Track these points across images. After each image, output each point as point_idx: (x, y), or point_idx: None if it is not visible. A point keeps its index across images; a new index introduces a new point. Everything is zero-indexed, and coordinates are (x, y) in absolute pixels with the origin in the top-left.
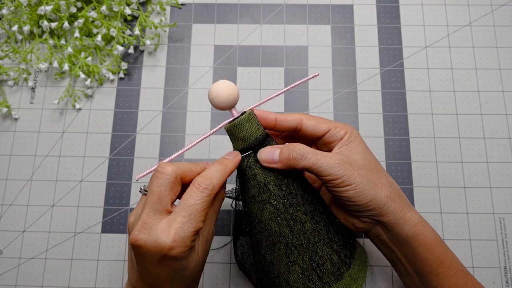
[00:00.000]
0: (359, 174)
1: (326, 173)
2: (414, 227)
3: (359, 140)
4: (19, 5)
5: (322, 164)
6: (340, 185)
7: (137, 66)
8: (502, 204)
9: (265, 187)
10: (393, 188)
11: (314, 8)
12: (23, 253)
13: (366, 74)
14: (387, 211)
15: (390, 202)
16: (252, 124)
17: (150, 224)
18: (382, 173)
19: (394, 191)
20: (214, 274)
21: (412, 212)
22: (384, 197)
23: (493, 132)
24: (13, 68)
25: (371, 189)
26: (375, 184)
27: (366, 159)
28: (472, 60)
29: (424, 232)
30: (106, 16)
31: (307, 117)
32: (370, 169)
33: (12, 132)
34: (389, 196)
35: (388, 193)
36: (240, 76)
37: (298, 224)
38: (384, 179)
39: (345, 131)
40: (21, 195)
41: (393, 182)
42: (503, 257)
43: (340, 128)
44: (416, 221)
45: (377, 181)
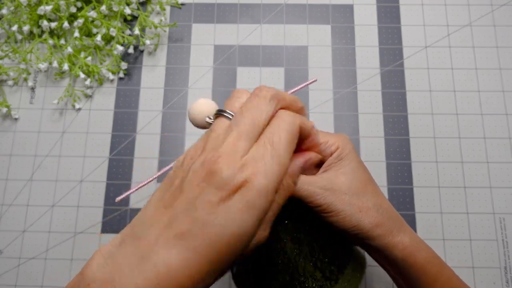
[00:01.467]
0: (342, 201)
1: (308, 201)
2: (402, 251)
3: (350, 157)
4: (19, 5)
5: (302, 193)
6: (322, 212)
7: (137, 66)
8: (502, 204)
9: None
10: (380, 212)
11: (314, 8)
12: (23, 253)
13: (366, 74)
14: (372, 236)
15: (375, 228)
16: None
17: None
18: (369, 196)
19: (381, 215)
20: None
21: (401, 235)
22: (367, 223)
23: (493, 132)
24: (13, 68)
25: (353, 215)
26: (359, 210)
27: (353, 181)
28: (472, 60)
29: (415, 253)
30: (105, 16)
31: None
32: (356, 193)
33: (12, 132)
34: (373, 222)
35: (373, 219)
36: (240, 76)
37: (279, 242)
38: (371, 203)
39: (335, 147)
40: (21, 195)
41: (382, 205)
42: (503, 257)
43: (331, 143)
44: (405, 245)
45: (362, 207)
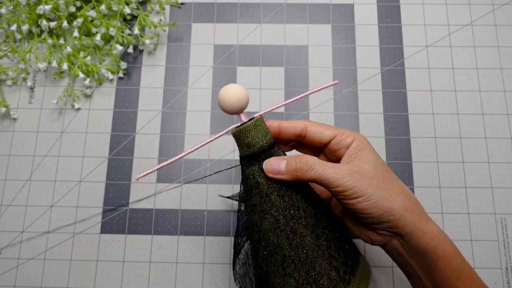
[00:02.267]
0: (371, 185)
1: (335, 184)
2: (432, 239)
3: (369, 148)
4: (17, 4)
5: (330, 175)
6: (351, 197)
7: (136, 65)
8: (504, 204)
9: (267, 197)
10: (409, 197)
11: (314, 7)
12: (22, 253)
13: (367, 73)
14: (404, 222)
15: (406, 213)
16: (259, 131)
17: None
18: (396, 183)
19: (410, 201)
20: (214, 275)
21: (430, 223)
22: (399, 207)
23: (494, 132)
24: (12, 67)
25: (385, 199)
26: (389, 194)
27: (377, 168)
28: (473, 59)
29: (443, 244)
30: (105, 15)
31: (312, 123)
32: (382, 179)
33: (10, 132)
34: (404, 207)
35: (404, 203)
36: (240, 76)
37: (298, 237)
38: (399, 188)
39: (352, 139)
40: (20, 196)
41: (409, 192)
42: (504, 258)
43: (347, 135)
44: (434, 233)
45: (391, 191)
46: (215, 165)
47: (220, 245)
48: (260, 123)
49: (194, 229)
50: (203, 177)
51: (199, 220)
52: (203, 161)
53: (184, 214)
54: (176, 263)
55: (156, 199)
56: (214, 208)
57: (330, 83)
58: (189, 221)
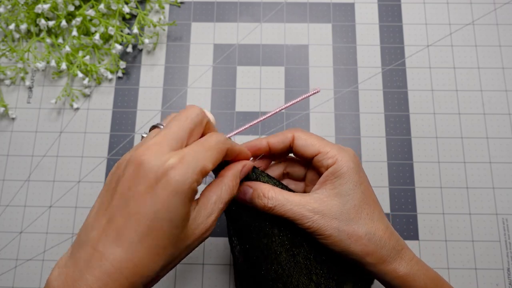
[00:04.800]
0: (330, 226)
1: (298, 223)
2: (395, 279)
3: (347, 177)
4: (16, 3)
5: (290, 215)
6: (312, 234)
7: (135, 65)
8: (505, 205)
9: (239, 216)
10: (373, 241)
11: (314, 6)
12: (20, 254)
13: (368, 73)
14: (363, 263)
15: (365, 256)
16: None
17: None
18: (362, 223)
19: (373, 244)
20: (214, 275)
21: (396, 263)
22: (357, 251)
23: (496, 132)
24: (10, 67)
25: (342, 242)
26: (348, 237)
27: (346, 204)
28: (474, 59)
29: (410, 282)
30: (104, 14)
31: (299, 135)
32: (347, 219)
33: (9, 132)
34: (363, 251)
35: (363, 247)
36: (240, 75)
37: (273, 253)
38: (363, 230)
39: (333, 161)
40: (18, 196)
41: (376, 233)
42: (506, 259)
43: (329, 155)
44: (399, 274)
45: (351, 234)
46: None
47: (219, 246)
48: None
49: None
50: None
51: None
52: None
53: None
54: None
55: None
56: None
57: (311, 92)
58: None
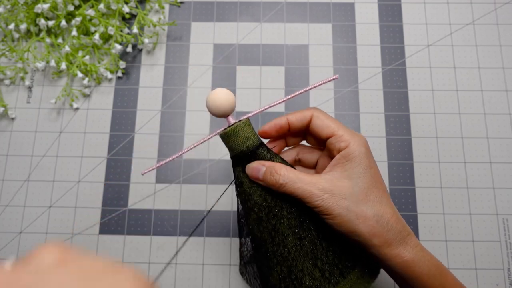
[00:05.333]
0: (340, 206)
1: (306, 201)
2: (401, 263)
3: (358, 160)
4: (15, 3)
5: (300, 193)
6: (320, 213)
7: (135, 65)
8: (506, 205)
9: (250, 196)
10: (380, 223)
11: (314, 6)
12: (20, 254)
13: (368, 73)
14: (369, 245)
15: (372, 237)
16: (238, 136)
17: None
18: (370, 205)
19: (380, 226)
20: (214, 276)
21: (401, 248)
22: (365, 232)
23: (496, 132)
24: (10, 67)
25: (351, 222)
26: (356, 217)
27: (356, 187)
28: (475, 58)
29: (413, 268)
30: (104, 14)
31: (317, 115)
32: (356, 200)
33: (8, 132)
34: (370, 232)
35: (370, 228)
36: (240, 75)
37: (280, 235)
38: (371, 212)
39: (345, 144)
40: (18, 196)
41: (384, 215)
42: (506, 259)
43: (342, 139)
44: (403, 258)
45: (360, 214)
46: (215, 165)
47: (219, 246)
48: (241, 128)
49: (193, 229)
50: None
51: (198, 221)
52: (203, 161)
53: (184, 214)
54: (176, 264)
55: (156, 200)
56: (214, 209)
57: (330, 78)
58: (189, 222)
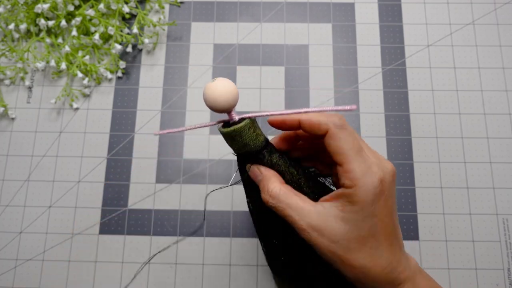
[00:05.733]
0: (327, 248)
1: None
2: None
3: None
4: (15, 3)
5: (290, 221)
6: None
7: (135, 65)
8: (506, 205)
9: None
10: (366, 274)
11: (314, 6)
12: (20, 254)
13: (368, 73)
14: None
15: (356, 283)
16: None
17: None
18: (361, 256)
19: (365, 276)
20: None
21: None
22: (349, 276)
23: (496, 132)
24: (10, 67)
25: (335, 263)
26: (341, 263)
27: (349, 233)
28: (475, 59)
29: None
30: (104, 14)
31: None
32: (347, 247)
33: (8, 132)
34: (354, 278)
35: (355, 276)
36: (240, 75)
37: None
38: (360, 263)
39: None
40: (18, 196)
41: (372, 268)
42: (506, 259)
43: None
44: None
45: (347, 263)
46: (215, 165)
47: (219, 246)
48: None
49: (193, 230)
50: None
51: (198, 221)
52: (203, 161)
53: (184, 214)
54: (176, 264)
55: (156, 200)
56: (214, 209)
57: (347, 107)
58: (189, 222)
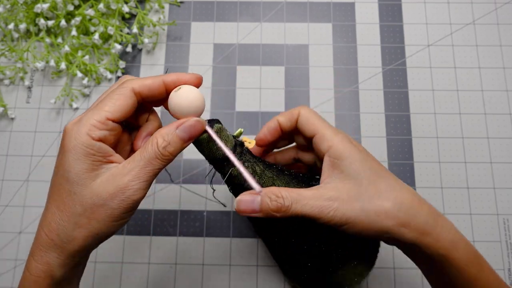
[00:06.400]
0: (354, 209)
1: (317, 217)
2: (437, 250)
3: (350, 156)
4: (15, 2)
5: (309, 210)
6: (338, 226)
7: (135, 65)
8: (506, 205)
9: None
10: (403, 211)
11: (315, 6)
12: (19, 254)
13: (368, 73)
14: (401, 236)
15: (401, 229)
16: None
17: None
18: (384, 196)
19: (404, 214)
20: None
21: (438, 229)
22: (391, 226)
23: (496, 132)
24: (9, 67)
25: (373, 222)
26: (376, 215)
27: (362, 184)
28: (475, 58)
29: (452, 253)
30: (103, 14)
31: (304, 112)
32: (368, 197)
33: (8, 132)
34: (397, 224)
35: (396, 220)
36: (240, 75)
37: None
38: (389, 203)
39: (329, 144)
40: (18, 196)
41: (403, 202)
42: (507, 259)
43: (325, 138)
44: (440, 243)
45: (379, 210)
46: None
47: (219, 246)
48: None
49: (193, 230)
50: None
51: (198, 221)
52: (203, 161)
53: (184, 215)
54: (175, 264)
55: (155, 200)
56: (214, 209)
57: None
58: (188, 222)
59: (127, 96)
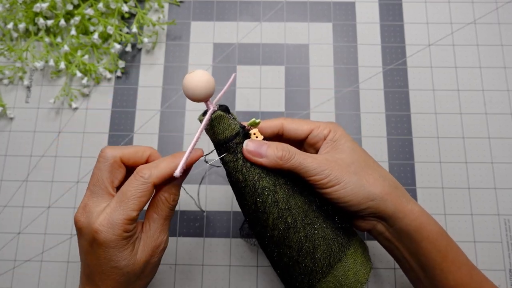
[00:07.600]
0: (347, 172)
1: (313, 173)
2: (415, 220)
3: (345, 137)
4: (14, 2)
5: (307, 164)
6: (328, 185)
7: (134, 64)
8: (507, 205)
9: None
10: (388, 182)
11: (315, 5)
12: (18, 255)
13: (368, 72)
14: (384, 205)
15: (386, 197)
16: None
17: (89, 206)
18: (374, 168)
19: (389, 184)
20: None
21: (411, 204)
22: (377, 192)
23: (497, 132)
24: (8, 66)
25: (361, 186)
26: (366, 180)
27: (354, 155)
28: (476, 58)
29: (426, 225)
30: (103, 13)
31: (288, 121)
32: (359, 166)
33: (7, 132)
34: (383, 191)
35: (382, 188)
36: (240, 75)
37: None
38: (377, 174)
39: (328, 130)
40: (16, 196)
41: (388, 176)
42: (507, 259)
43: (323, 127)
44: (416, 214)
45: (368, 177)
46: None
47: (219, 247)
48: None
49: (193, 230)
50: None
51: (198, 222)
52: (202, 161)
53: (183, 215)
54: (175, 264)
55: None
56: (214, 209)
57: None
58: (188, 222)
59: (150, 192)
